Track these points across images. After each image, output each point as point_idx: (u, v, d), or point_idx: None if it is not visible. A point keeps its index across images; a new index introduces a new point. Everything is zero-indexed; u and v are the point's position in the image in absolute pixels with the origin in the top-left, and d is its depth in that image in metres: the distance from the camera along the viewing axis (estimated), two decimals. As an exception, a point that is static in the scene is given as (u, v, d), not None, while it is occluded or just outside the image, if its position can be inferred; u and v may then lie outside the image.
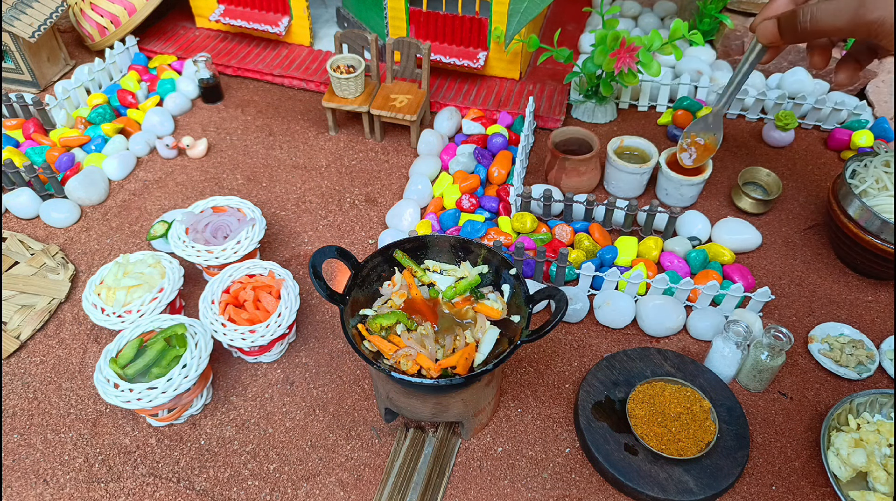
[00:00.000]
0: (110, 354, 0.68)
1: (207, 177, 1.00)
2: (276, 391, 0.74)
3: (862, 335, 0.78)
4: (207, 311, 0.72)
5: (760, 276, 0.85)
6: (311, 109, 1.13)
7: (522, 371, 0.76)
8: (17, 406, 0.73)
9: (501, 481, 0.66)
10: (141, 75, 1.14)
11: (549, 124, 1.07)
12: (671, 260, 0.83)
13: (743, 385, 0.74)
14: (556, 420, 0.71)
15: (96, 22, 1.16)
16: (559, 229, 0.87)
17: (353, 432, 0.70)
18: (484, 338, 0.61)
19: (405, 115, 1.00)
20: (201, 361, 0.67)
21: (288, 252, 0.90)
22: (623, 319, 0.79)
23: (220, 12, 1.19)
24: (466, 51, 1.10)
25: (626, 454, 0.66)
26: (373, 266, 0.65)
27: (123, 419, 0.71)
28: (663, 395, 0.68)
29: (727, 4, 1.13)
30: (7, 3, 1.05)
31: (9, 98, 1.03)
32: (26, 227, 0.93)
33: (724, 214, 0.93)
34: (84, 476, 0.67)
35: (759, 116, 1.09)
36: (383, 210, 0.95)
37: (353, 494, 0.65)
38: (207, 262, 0.78)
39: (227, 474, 0.67)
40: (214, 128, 1.09)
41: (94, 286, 0.75)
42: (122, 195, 0.97)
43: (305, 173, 1.01)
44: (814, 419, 0.71)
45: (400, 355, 0.59)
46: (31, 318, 0.80)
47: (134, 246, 0.90)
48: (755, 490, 0.66)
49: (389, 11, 1.10)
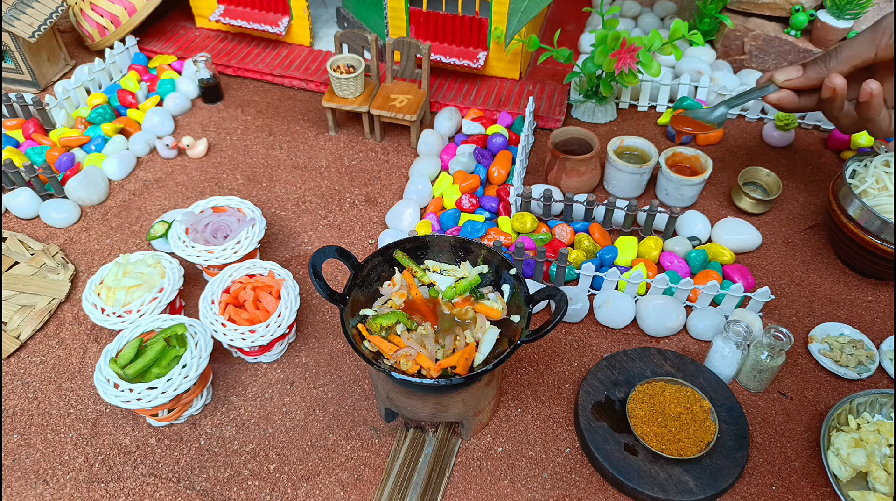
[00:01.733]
0: (110, 354, 0.68)
1: (207, 177, 1.00)
2: (275, 392, 0.74)
3: (862, 335, 0.78)
4: (207, 311, 0.72)
5: (760, 276, 0.85)
6: (311, 109, 1.13)
7: (522, 371, 0.76)
8: (17, 406, 0.73)
9: (501, 481, 0.66)
10: (141, 75, 1.14)
11: (549, 124, 1.07)
12: (671, 260, 0.83)
13: (743, 385, 0.74)
14: (556, 420, 0.71)
15: (96, 22, 1.16)
16: (559, 229, 0.87)
17: (353, 432, 0.70)
18: (484, 338, 0.61)
19: (405, 115, 1.00)
20: (201, 361, 0.67)
21: (288, 252, 0.90)
22: (623, 319, 0.79)
23: (220, 12, 1.19)
24: (466, 51, 1.10)
25: (626, 454, 0.66)
26: (373, 266, 0.65)
27: (123, 419, 0.71)
28: (663, 395, 0.68)
29: (727, 4, 1.13)
30: (7, 3, 1.05)
31: (9, 98, 1.03)
32: (26, 227, 0.93)
33: (724, 214, 0.93)
34: (84, 476, 0.67)
35: (759, 116, 1.09)
36: (383, 210, 0.95)
37: (353, 494, 0.65)
38: (207, 262, 0.78)
39: (227, 474, 0.67)
40: (214, 128, 1.09)
41: (94, 286, 0.75)
42: (122, 195, 0.97)
43: (305, 173, 1.01)
44: (814, 419, 0.71)
45: (400, 355, 0.59)
46: (31, 318, 0.80)
47: (134, 246, 0.90)
48: (755, 490, 0.66)
49: (389, 11, 1.10)
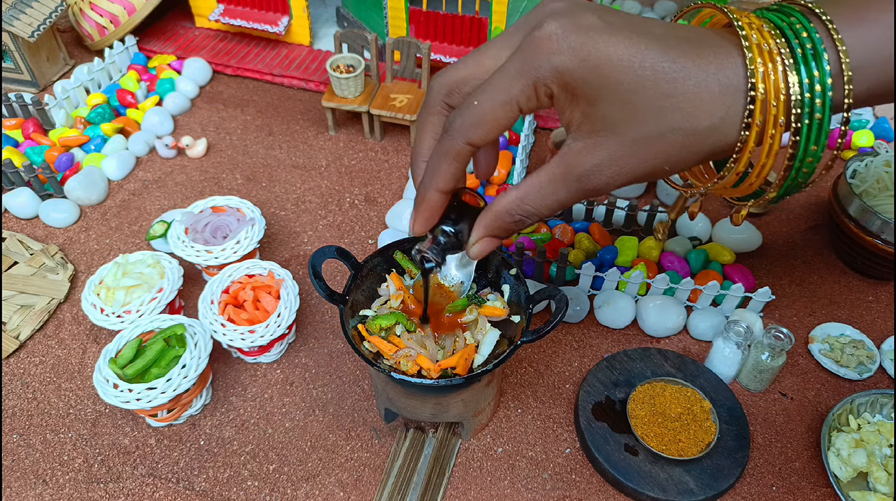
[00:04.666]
0: (109, 354, 0.68)
1: (207, 177, 1.00)
2: (275, 392, 0.74)
3: (863, 335, 0.78)
4: (207, 311, 0.72)
5: (761, 276, 0.85)
6: (311, 108, 1.12)
7: (522, 371, 0.76)
8: (16, 407, 0.73)
9: (501, 481, 0.66)
10: (140, 75, 1.14)
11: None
12: (671, 260, 0.83)
13: (743, 386, 0.74)
14: (556, 421, 0.71)
15: (96, 22, 1.16)
16: (559, 229, 0.87)
17: (353, 432, 0.70)
18: (484, 339, 0.61)
19: (405, 114, 1.00)
20: (201, 361, 0.67)
21: (287, 252, 0.89)
22: (623, 319, 0.79)
23: (219, 12, 1.18)
24: (466, 50, 1.10)
25: (627, 454, 0.66)
26: (372, 266, 0.65)
27: (123, 419, 0.71)
28: (664, 395, 0.68)
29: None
30: (7, 3, 1.05)
31: (8, 98, 1.03)
32: (25, 227, 0.93)
33: (724, 214, 0.92)
34: (83, 476, 0.67)
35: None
36: (383, 210, 0.95)
37: (352, 494, 0.65)
38: (207, 262, 0.78)
39: (227, 474, 0.67)
40: (214, 128, 1.09)
41: (93, 286, 0.75)
42: (122, 195, 0.97)
43: (305, 173, 1.00)
44: (814, 420, 0.71)
45: (400, 355, 0.59)
46: (31, 318, 0.80)
47: (133, 246, 0.90)
48: (755, 490, 0.66)
49: (389, 11, 1.10)
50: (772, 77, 0.41)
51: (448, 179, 0.49)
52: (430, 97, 0.52)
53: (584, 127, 0.44)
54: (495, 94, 0.44)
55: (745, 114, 0.42)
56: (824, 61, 0.41)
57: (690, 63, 0.41)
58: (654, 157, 0.43)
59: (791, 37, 0.42)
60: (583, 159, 0.44)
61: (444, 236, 0.55)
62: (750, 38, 0.42)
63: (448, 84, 0.50)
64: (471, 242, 0.53)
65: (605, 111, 0.42)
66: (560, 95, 0.43)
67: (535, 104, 0.45)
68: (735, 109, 0.42)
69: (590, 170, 0.44)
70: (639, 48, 0.41)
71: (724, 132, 0.43)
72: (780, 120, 0.42)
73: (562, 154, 0.46)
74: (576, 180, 0.45)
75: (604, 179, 0.45)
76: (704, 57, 0.42)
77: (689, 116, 0.42)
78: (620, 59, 0.41)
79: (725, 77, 0.41)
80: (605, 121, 0.43)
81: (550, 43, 0.41)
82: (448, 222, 0.54)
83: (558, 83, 0.42)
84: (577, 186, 0.46)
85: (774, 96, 0.41)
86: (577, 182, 0.45)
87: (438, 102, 0.51)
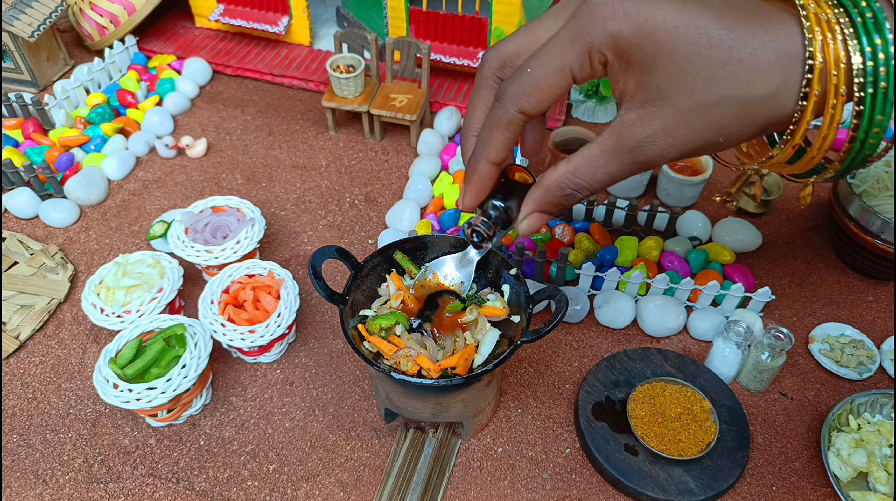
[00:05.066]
0: (109, 354, 0.68)
1: (207, 177, 1.00)
2: (275, 392, 0.74)
3: (863, 335, 0.78)
4: (207, 311, 0.72)
5: (761, 276, 0.85)
6: (311, 108, 1.12)
7: (522, 371, 0.76)
8: (16, 406, 0.73)
9: (501, 481, 0.66)
10: (140, 75, 1.14)
11: (549, 124, 1.07)
12: (671, 260, 0.83)
13: (743, 386, 0.74)
14: (556, 421, 0.71)
15: (96, 21, 1.16)
16: (559, 229, 0.87)
17: (353, 432, 0.70)
18: (484, 339, 0.61)
19: (405, 114, 1.00)
20: (201, 361, 0.67)
21: (287, 252, 0.89)
22: (623, 319, 0.79)
23: (219, 12, 1.18)
24: (466, 50, 1.10)
25: (627, 454, 0.66)
26: (372, 266, 0.65)
27: (123, 419, 0.71)
28: (664, 395, 0.68)
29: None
30: (7, 3, 1.05)
31: (8, 98, 1.03)
32: (25, 227, 0.93)
33: (724, 214, 0.92)
34: (83, 476, 0.67)
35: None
36: (383, 210, 0.95)
37: (352, 494, 0.65)
38: (207, 262, 0.78)
39: (227, 474, 0.67)
40: (214, 128, 1.09)
41: (93, 286, 0.75)
42: (122, 195, 0.97)
43: (305, 173, 1.00)
44: (814, 420, 0.71)
45: (400, 355, 0.59)
46: (31, 318, 0.80)
47: (133, 246, 0.90)
48: (756, 490, 0.66)
49: (389, 11, 1.10)
50: (831, 46, 0.40)
51: (500, 149, 0.49)
52: (483, 70, 0.51)
53: (637, 96, 0.43)
54: (549, 61, 0.44)
55: (802, 83, 0.41)
56: (886, 30, 0.40)
57: (746, 31, 0.40)
58: (708, 127, 0.42)
59: (850, 6, 0.41)
60: (635, 130, 0.44)
61: (495, 209, 0.53)
62: (808, 7, 0.41)
63: (500, 57, 0.50)
64: (520, 217, 0.52)
65: (660, 80, 0.41)
66: (614, 63, 0.43)
67: (588, 72, 0.44)
68: (792, 78, 0.41)
69: (643, 141, 0.44)
70: (694, 16, 0.40)
71: (780, 102, 0.42)
72: (842, 89, 0.41)
73: (614, 125, 0.45)
74: (628, 152, 0.45)
75: (657, 150, 0.44)
76: (761, 26, 0.41)
77: (745, 84, 0.41)
78: (676, 26, 0.40)
79: (782, 46, 0.41)
80: (660, 90, 0.42)
81: (605, 9, 0.41)
82: (498, 197, 0.53)
83: (613, 50, 0.42)
84: (629, 157, 0.45)
85: (835, 65, 0.40)
86: (629, 154, 0.45)
87: (490, 76, 0.50)
